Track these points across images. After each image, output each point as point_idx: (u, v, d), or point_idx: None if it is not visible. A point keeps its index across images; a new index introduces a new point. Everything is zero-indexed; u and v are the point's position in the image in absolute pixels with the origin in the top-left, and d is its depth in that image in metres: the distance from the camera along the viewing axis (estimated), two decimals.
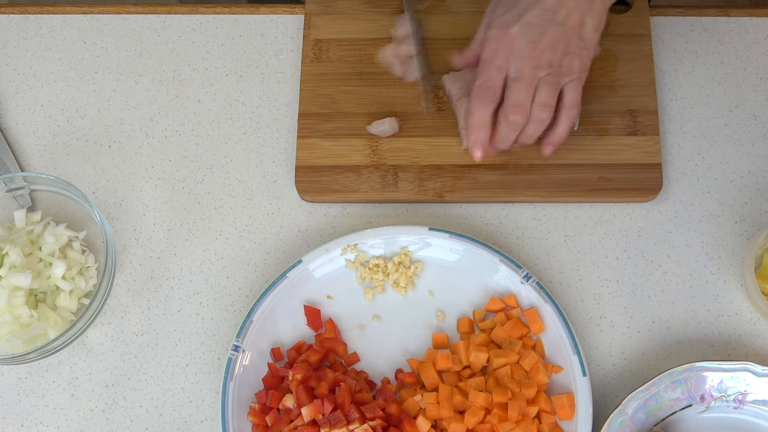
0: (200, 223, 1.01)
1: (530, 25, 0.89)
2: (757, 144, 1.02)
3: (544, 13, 0.89)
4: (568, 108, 0.92)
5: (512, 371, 0.90)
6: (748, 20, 1.07)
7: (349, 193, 0.99)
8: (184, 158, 1.03)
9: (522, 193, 0.99)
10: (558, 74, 0.90)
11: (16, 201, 1.00)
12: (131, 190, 1.02)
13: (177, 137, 1.04)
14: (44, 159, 1.04)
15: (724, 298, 0.96)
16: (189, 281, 0.99)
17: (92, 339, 0.97)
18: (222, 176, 1.02)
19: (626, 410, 0.88)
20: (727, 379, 0.89)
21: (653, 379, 0.88)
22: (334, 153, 1.00)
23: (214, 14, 1.10)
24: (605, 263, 0.98)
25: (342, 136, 1.01)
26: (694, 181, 1.01)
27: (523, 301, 0.94)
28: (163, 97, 1.06)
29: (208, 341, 0.96)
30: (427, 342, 0.94)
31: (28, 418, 0.94)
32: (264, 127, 1.05)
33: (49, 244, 0.95)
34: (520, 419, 0.87)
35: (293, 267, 0.95)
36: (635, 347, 0.95)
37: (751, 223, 0.99)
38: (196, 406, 0.94)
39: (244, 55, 1.08)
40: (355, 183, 0.99)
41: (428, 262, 0.97)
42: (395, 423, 0.88)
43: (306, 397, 0.87)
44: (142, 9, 1.11)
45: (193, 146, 1.04)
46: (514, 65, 0.89)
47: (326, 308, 0.96)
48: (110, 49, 1.09)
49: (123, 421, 0.94)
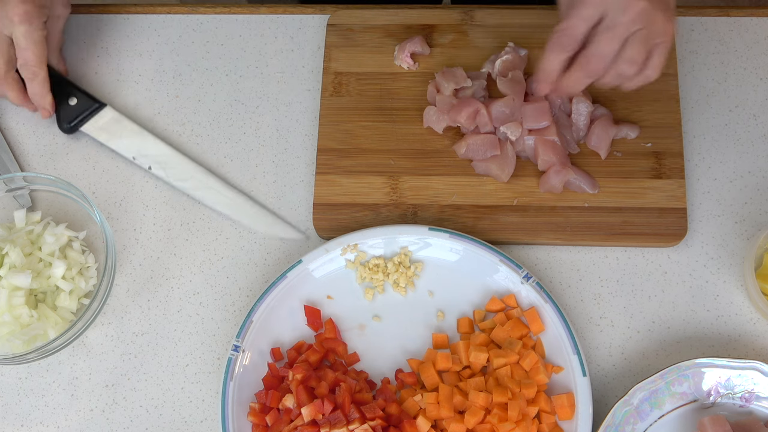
0: (200, 223, 1.01)
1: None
2: (757, 144, 1.02)
3: None
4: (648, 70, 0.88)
5: (512, 371, 0.90)
6: (748, 20, 1.07)
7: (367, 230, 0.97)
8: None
9: (544, 236, 0.97)
10: (652, 33, 0.85)
11: (16, 201, 1.00)
12: (131, 190, 1.02)
13: (177, 137, 1.05)
14: (44, 159, 1.04)
15: (724, 298, 0.96)
16: (189, 281, 0.99)
17: (92, 339, 0.97)
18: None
19: (631, 401, 0.88)
20: (735, 376, 0.89)
21: (661, 371, 0.88)
22: (353, 190, 0.99)
23: (214, 14, 1.10)
24: (605, 263, 0.98)
25: (361, 173, 0.99)
26: (694, 181, 1.00)
27: (523, 301, 0.94)
28: (163, 97, 1.06)
29: (208, 341, 0.96)
30: (427, 342, 0.94)
31: (28, 418, 0.94)
32: (264, 127, 1.05)
33: (49, 244, 0.95)
34: (520, 419, 0.87)
35: (293, 267, 0.95)
36: (635, 347, 0.95)
37: (751, 223, 0.99)
38: (196, 406, 0.94)
39: (244, 55, 1.08)
40: (373, 221, 0.98)
41: (428, 262, 0.97)
42: (395, 423, 0.88)
43: (306, 397, 0.87)
44: (142, 9, 1.11)
45: (193, 146, 1.04)
46: (612, 14, 0.85)
47: (326, 308, 0.96)
48: (111, 49, 1.09)
49: (123, 421, 0.94)
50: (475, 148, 0.98)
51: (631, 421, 0.88)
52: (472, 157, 0.99)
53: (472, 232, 0.96)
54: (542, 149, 0.97)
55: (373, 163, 1.00)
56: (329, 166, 1.00)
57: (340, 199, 0.99)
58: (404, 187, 0.99)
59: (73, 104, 1.03)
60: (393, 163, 1.00)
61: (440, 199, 0.98)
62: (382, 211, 0.98)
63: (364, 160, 1.00)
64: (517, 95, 0.98)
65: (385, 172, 1.00)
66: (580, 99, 0.98)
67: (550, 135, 0.97)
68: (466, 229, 0.97)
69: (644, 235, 0.96)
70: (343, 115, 1.02)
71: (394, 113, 1.02)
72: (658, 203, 0.97)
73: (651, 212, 0.97)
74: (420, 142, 1.01)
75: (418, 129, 1.01)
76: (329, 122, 1.02)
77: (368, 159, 1.00)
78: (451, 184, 0.99)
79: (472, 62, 1.03)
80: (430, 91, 1.02)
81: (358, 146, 1.01)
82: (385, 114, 1.02)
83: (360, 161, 1.00)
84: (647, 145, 0.99)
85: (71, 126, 1.03)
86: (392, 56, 1.04)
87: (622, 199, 0.97)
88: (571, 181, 0.97)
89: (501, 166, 0.98)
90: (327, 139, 1.01)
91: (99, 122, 1.03)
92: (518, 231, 0.97)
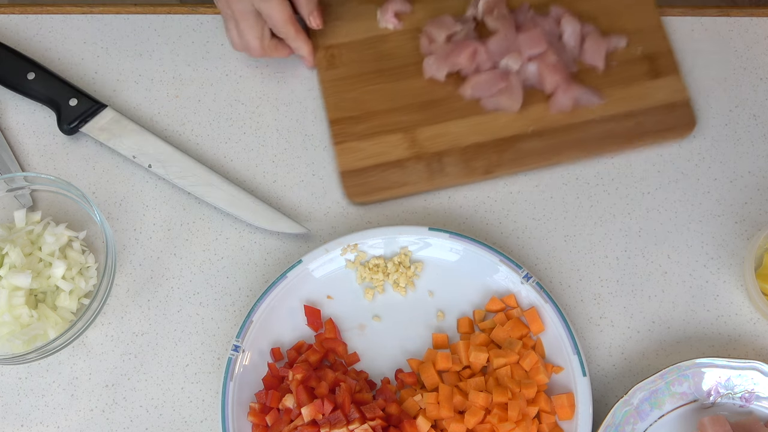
0: (200, 223, 1.01)
1: None
2: (757, 144, 1.02)
3: None
4: None
5: (512, 371, 0.90)
6: (748, 20, 1.07)
7: (399, 188, 1.00)
8: None
9: (566, 155, 1.00)
10: None
11: (17, 201, 1.00)
12: (131, 190, 1.03)
13: (177, 137, 1.05)
14: (44, 159, 1.04)
15: (724, 298, 0.96)
16: (189, 281, 0.99)
17: (92, 339, 0.97)
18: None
19: (631, 400, 0.88)
20: (735, 376, 0.89)
21: (661, 371, 0.88)
22: (375, 152, 1.01)
23: (214, 14, 1.10)
24: (605, 263, 0.98)
25: (376, 134, 1.01)
26: (694, 181, 1.01)
27: (523, 301, 0.94)
28: (163, 97, 1.06)
29: (208, 341, 0.96)
30: (427, 342, 0.94)
31: (28, 418, 0.94)
32: (264, 127, 1.05)
33: (49, 244, 0.95)
34: (520, 419, 0.87)
35: (293, 267, 0.95)
36: (635, 347, 0.95)
37: (751, 223, 0.99)
38: (196, 406, 0.94)
39: (244, 55, 1.08)
40: (402, 177, 1.00)
41: (428, 262, 0.97)
42: (395, 423, 0.88)
43: (306, 397, 0.87)
44: (142, 9, 1.10)
45: (193, 146, 1.04)
46: None
47: (326, 308, 0.96)
48: (110, 49, 1.09)
49: (123, 421, 0.94)
50: (481, 86, 1.01)
51: (631, 421, 0.88)
52: (480, 95, 1.02)
53: (499, 166, 1.00)
54: (546, 72, 1.01)
55: (385, 123, 1.02)
56: (345, 135, 1.01)
57: (364, 162, 1.00)
58: (421, 138, 1.01)
59: (73, 105, 1.03)
60: (405, 118, 1.02)
61: (459, 142, 1.01)
62: (407, 165, 1.00)
63: (377, 122, 1.02)
64: (508, 29, 1.03)
65: (399, 128, 1.01)
66: (568, 20, 1.03)
67: (549, 58, 1.00)
68: (492, 164, 1.00)
69: (659, 131, 1.01)
70: (345, 85, 1.04)
71: (393, 72, 1.04)
72: (664, 100, 1.01)
73: (659, 110, 1.01)
74: (425, 94, 1.03)
75: (419, 82, 1.03)
76: (333, 94, 1.03)
77: (380, 120, 1.02)
78: (465, 126, 1.01)
79: (455, 11, 1.06)
80: (423, 43, 1.05)
81: (368, 110, 1.02)
82: (385, 75, 1.04)
83: (373, 123, 1.02)
84: (638, 51, 1.04)
85: (72, 127, 1.03)
86: (376, 20, 1.06)
87: (629, 105, 1.02)
88: (579, 97, 1.01)
89: (510, 97, 1.01)
90: (335, 110, 1.03)
91: (99, 123, 1.03)
92: (544, 153, 1.00)
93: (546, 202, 1.00)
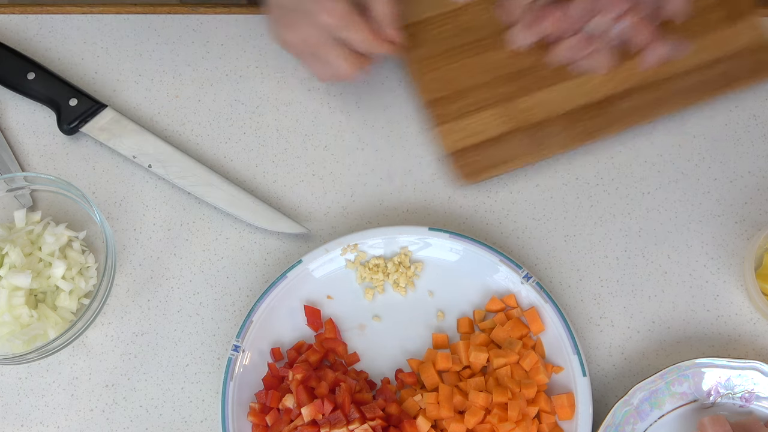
0: (200, 223, 1.01)
1: None
2: (757, 144, 1.02)
3: None
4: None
5: (512, 371, 0.90)
6: None
7: (506, 163, 0.99)
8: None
9: (665, 109, 1.01)
10: None
11: (17, 201, 1.00)
12: (131, 190, 1.03)
13: (177, 137, 1.05)
14: (44, 159, 1.04)
15: (724, 298, 0.96)
16: (189, 281, 0.99)
17: (92, 339, 0.97)
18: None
19: (631, 401, 0.88)
20: (735, 376, 0.89)
21: (661, 371, 0.88)
22: (475, 130, 1.00)
23: (214, 14, 1.10)
24: (605, 263, 0.98)
25: (472, 112, 1.00)
26: (694, 181, 1.01)
27: (523, 301, 0.94)
28: (163, 97, 1.06)
29: (208, 341, 0.96)
30: (427, 342, 0.95)
31: (28, 418, 0.94)
32: (264, 126, 1.05)
33: (49, 244, 0.95)
34: (520, 419, 0.87)
35: (293, 267, 0.95)
36: (635, 347, 0.95)
37: (751, 223, 0.99)
38: (196, 406, 0.94)
39: (244, 55, 1.08)
40: (508, 152, 0.99)
41: (428, 262, 0.97)
42: (395, 423, 0.88)
43: (306, 397, 0.87)
44: (142, 9, 1.10)
45: (193, 146, 1.04)
46: None
47: (326, 308, 0.96)
48: (110, 49, 1.09)
49: (123, 421, 0.94)
50: (570, 50, 1.01)
51: (631, 421, 0.88)
52: (570, 59, 1.01)
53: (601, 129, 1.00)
54: (635, 30, 1.00)
55: (478, 100, 1.01)
56: (444, 116, 1.01)
57: (468, 141, 1.00)
58: (518, 110, 1.00)
59: (73, 105, 1.03)
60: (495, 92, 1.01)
61: (556, 110, 1.00)
62: (510, 139, 0.99)
63: (471, 99, 1.01)
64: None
65: (492, 103, 1.01)
66: None
67: (635, 15, 1.00)
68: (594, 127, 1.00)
69: (750, 74, 1.01)
70: (429, 64, 1.03)
71: (473, 46, 1.03)
72: (747, 44, 1.02)
73: (743, 54, 1.02)
74: (510, 65, 1.02)
75: (500, 53, 1.03)
76: (423, 74, 1.02)
77: (472, 97, 1.01)
78: (557, 93, 1.01)
79: None
80: (503, 14, 1.03)
81: (456, 89, 1.02)
82: (465, 50, 1.03)
83: (467, 101, 1.01)
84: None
85: (72, 127, 1.03)
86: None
87: (713, 52, 1.02)
88: (670, 50, 1.00)
89: (600, 58, 1.01)
90: (427, 93, 1.02)
91: (99, 123, 1.03)
92: (643, 110, 1.00)
93: (546, 202, 1.00)
